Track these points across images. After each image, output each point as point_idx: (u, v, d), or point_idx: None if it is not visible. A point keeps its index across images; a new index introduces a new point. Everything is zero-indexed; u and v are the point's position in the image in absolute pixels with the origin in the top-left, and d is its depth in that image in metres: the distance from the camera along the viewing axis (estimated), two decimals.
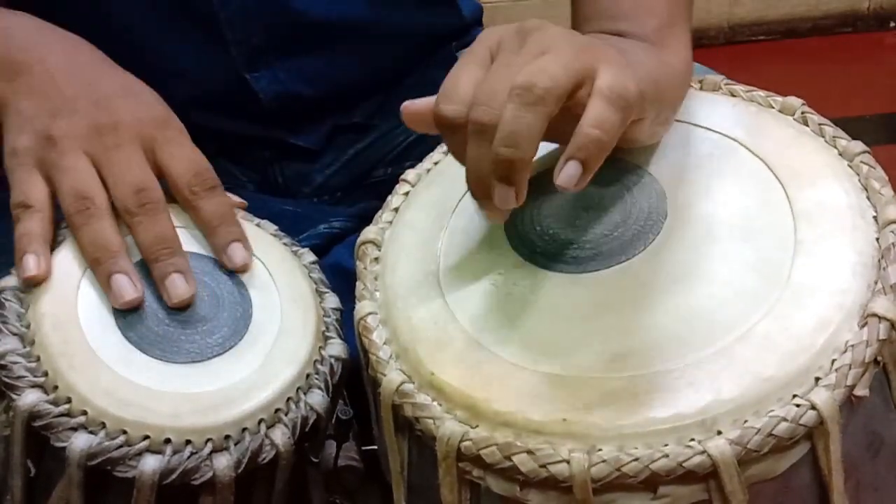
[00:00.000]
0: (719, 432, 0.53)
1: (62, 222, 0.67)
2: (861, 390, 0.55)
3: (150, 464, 0.59)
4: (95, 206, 0.65)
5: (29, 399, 0.59)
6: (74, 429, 0.59)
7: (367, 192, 0.91)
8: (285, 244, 0.73)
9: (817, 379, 0.54)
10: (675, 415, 0.54)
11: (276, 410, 0.63)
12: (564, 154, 0.55)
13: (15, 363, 0.60)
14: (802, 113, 0.66)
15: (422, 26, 0.93)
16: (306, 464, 0.68)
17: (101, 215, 0.65)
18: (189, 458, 0.60)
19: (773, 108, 0.67)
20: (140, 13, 0.84)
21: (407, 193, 0.70)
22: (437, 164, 0.71)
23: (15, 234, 0.65)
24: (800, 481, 0.55)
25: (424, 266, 0.64)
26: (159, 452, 0.59)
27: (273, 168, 0.92)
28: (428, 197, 0.69)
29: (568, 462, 0.54)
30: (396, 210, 0.69)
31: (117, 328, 0.63)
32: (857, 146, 0.63)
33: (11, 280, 0.64)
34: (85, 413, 0.59)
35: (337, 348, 0.68)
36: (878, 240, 0.59)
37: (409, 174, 0.71)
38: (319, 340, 0.68)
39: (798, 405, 0.54)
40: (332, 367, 0.67)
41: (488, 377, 0.58)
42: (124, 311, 0.64)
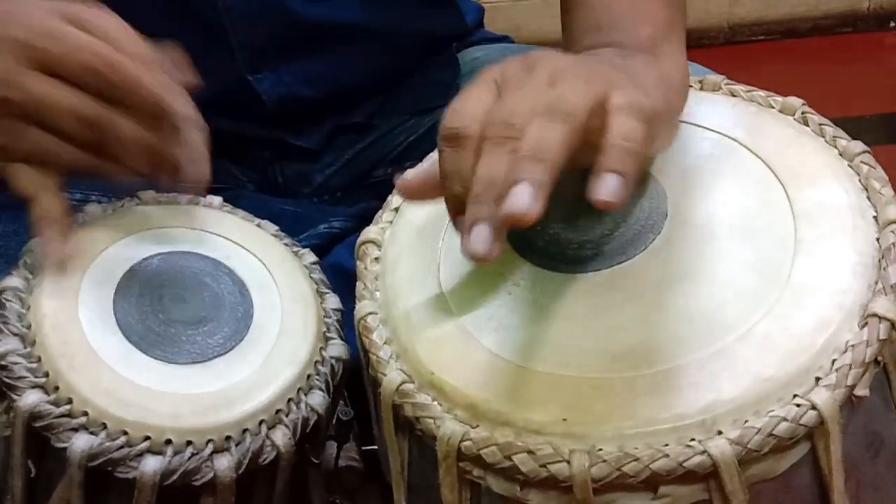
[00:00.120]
0: (720, 432, 0.53)
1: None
2: (861, 390, 0.55)
3: (151, 464, 0.59)
4: (104, 112, 0.62)
5: (30, 400, 0.59)
6: (75, 429, 0.59)
7: (368, 192, 0.91)
8: (286, 245, 0.73)
9: (818, 379, 0.54)
10: (675, 415, 0.54)
11: (277, 411, 0.63)
12: (598, 169, 0.52)
13: (16, 364, 0.60)
14: (803, 113, 0.66)
15: (422, 27, 0.93)
16: (307, 464, 0.68)
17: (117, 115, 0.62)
18: (190, 458, 0.60)
19: (773, 108, 0.67)
20: (142, 15, 0.84)
21: None
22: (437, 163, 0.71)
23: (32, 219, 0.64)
24: (800, 481, 0.55)
25: (425, 266, 0.64)
26: (160, 453, 0.59)
27: (273, 168, 0.92)
28: None
29: (568, 462, 0.54)
30: (397, 210, 0.69)
31: (118, 328, 0.63)
32: (858, 146, 0.63)
33: (12, 280, 0.64)
34: (86, 414, 0.59)
35: (338, 349, 0.68)
36: (878, 240, 0.59)
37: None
38: (320, 341, 0.68)
39: (798, 405, 0.54)
40: (332, 367, 0.67)
41: (488, 377, 0.58)
42: (125, 312, 0.64)
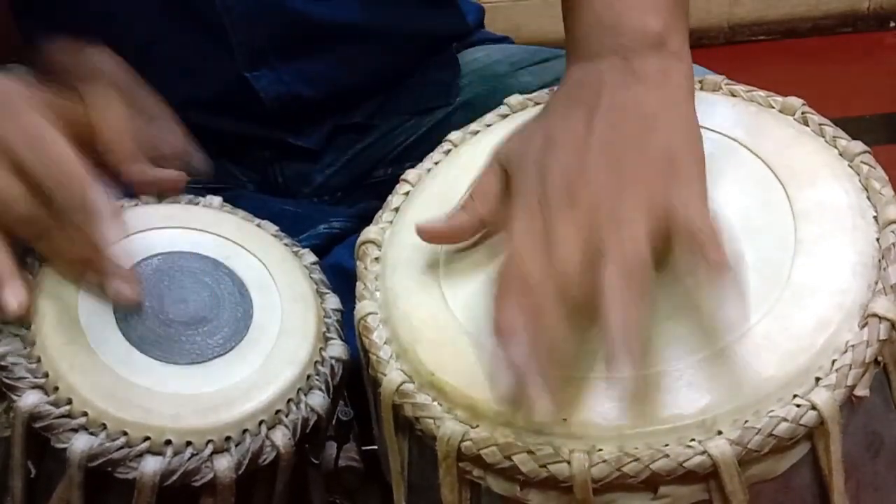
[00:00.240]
0: (720, 432, 0.53)
1: None
2: (861, 390, 0.55)
3: (151, 465, 0.59)
4: (44, 219, 0.60)
5: (29, 400, 0.59)
6: (75, 430, 0.59)
7: (368, 192, 0.91)
8: (286, 245, 0.73)
9: (818, 379, 0.54)
10: (675, 415, 0.54)
11: (277, 411, 0.63)
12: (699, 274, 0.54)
13: (16, 364, 0.60)
14: (803, 113, 0.66)
15: (422, 27, 0.93)
16: (307, 465, 0.68)
17: (49, 227, 0.61)
18: (190, 459, 0.60)
19: (773, 108, 0.67)
20: (142, 14, 0.84)
21: (407, 193, 0.70)
22: (437, 163, 0.71)
23: None
24: (800, 481, 0.55)
25: (425, 266, 0.64)
26: (160, 454, 0.59)
27: (273, 168, 0.92)
28: (429, 197, 0.69)
29: (568, 462, 0.53)
30: (397, 210, 0.69)
31: (118, 329, 0.63)
32: (858, 146, 0.63)
33: None
34: (86, 414, 0.59)
35: (337, 349, 0.68)
36: (878, 240, 0.59)
37: (410, 174, 0.71)
38: (320, 341, 0.68)
39: (798, 405, 0.54)
40: (332, 368, 0.67)
41: (488, 377, 0.58)
42: (125, 312, 0.64)
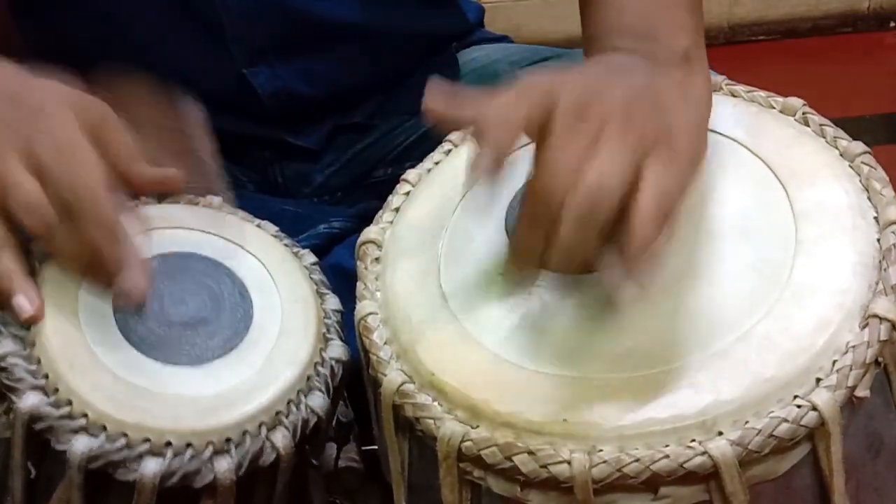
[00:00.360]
0: (720, 433, 0.53)
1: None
2: (862, 391, 0.55)
3: (151, 466, 0.59)
4: (53, 216, 0.60)
5: (30, 401, 0.59)
6: (75, 431, 0.59)
7: (368, 192, 0.91)
8: (286, 245, 0.73)
9: (818, 380, 0.54)
10: (675, 415, 0.54)
11: (277, 413, 0.63)
12: (613, 264, 0.55)
13: (16, 365, 0.60)
14: (803, 113, 0.66)
15: (423, 27, 0.93)
16: (307, 466, 0.68)
17: (57, 224, 0.61)
18: (190, 460, 0.60)
19: (773, 108, 0.67)
20: (141, 13, 0.84)
21: (408, 193, 0.70)
22: (437, 164, 0.71)
23: None
24: (801, 482, 0.55)
25: (425, 266, 0.64)
26: (160, 455, 0.59)
27: (273, 168, 0.92)
28: (429, 197, 0.69)
29: (569, 462, 0.54)
30: (397, 210, 0.69)
31: (118, 330, 0.63)
32: (858, 147, 0.63)
33: None
34: (86, 416, 0.59)
35: (337, 350, 0.68)
36: (878, 240, 0.59)
37: (410, 174, 0.71)
38: (320, 342, 0.67)
39: (799, 406, 0.54)
40: (332, 368, 0.67)
41: (489, 377, 0.58)
42: (125, 314, 0.64)
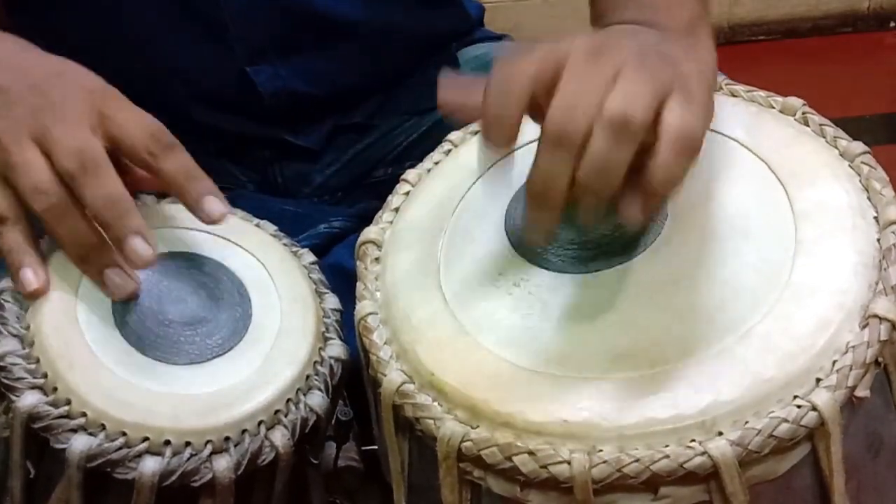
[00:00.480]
0: (720, 433, 0.53)
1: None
2: (862, 391, 0.55)
3: (150, 465, 0.59)
4: (57, 196, 0.62)
5: (28, 400, 0.59)
6: (74, 430, 0.59)
7: (367, 191, 0.91)
8: (285, 244, 0.73)
9: (818, 380, 0.54)
10: (675, 415, 0.54)
11: (276, 412, 0.63)
12: (630, 197, 0.54)
13: (14, 364, 0.60)
14: (803, 113, 0.66)
15: (424, 25, 0.93)
16: (306, 465, 0.68)
17: (67, 207, 0.62)
18: (189, 459, 0.60)
19: (773, 108, 0.67)
20: (141, 11, 0.84)
21: (407, 193, 0.70)
22: (437, 164, 0.71)
23: (2, 250, 0.63)
24: (801, 482, 0.55)
25: (425, 266, 0.64)
26: (159, 454, 0.59)
27: (273, 168, 0.92)
28: (428, 197, 0.69)
29: (569, 463, 0.53)
30: (397, 210, 0.69)
31: (117, 329, 0.63)
32: (858, 147, 0.63)
33: (11, 282, 0.64)
34: (84, 415, 0.59)
35: (336, 349, 0.68)
36: (878, 240, 0.59)
37: (410, 174, 0.71)
38: (319, 341, 0.68)
39: (799, 406, 0.54)
40: (331, 368, 0.67)
41: (488, 377, 0.58)
42: (124, 313, 0.64)
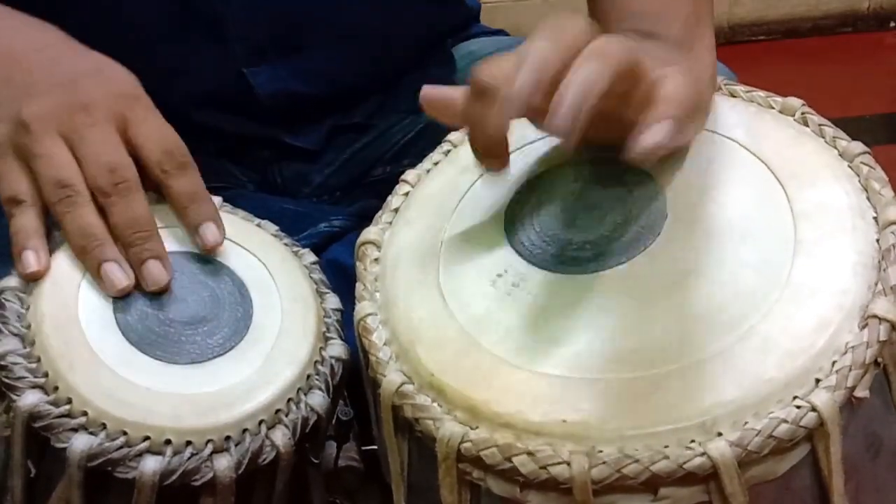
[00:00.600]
0: (719, 434, 0.53)
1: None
2: (861, 392, 0.55)
3: (151, 465, 0.59)
4: (76, 192, 0.63)
5: (29, 400, 0.59)
6: (75, 430, 0.59)
7: (367, 190, 0.91)
8: (286, 244, 0.73)
9: (817, 380, 0.54)
10: (675, 416, 0.54)
11: (277, 411, 0.63)
12: (648, 119, 0.56)
13: (15, 364, 0.60)
14: (803, 114, 0.66)
15: (424, 25, 0.93)
16: (307, 464, 0.68)
17: (83, 202, 0.64)
18: (189, 458, 0.60)
19: (773, 108, 0.67)
20: (141, 11, 0.84)
21: (407, 194, 0.70)
22: (437, 164, 0.71)
23: (10, 230, 0.64)
24: (800, 483, 0.55)
25: (424, 267, 0.64)
26: (160, 453, 0.59)
27: (272, 168, 0.92)
28: (428, 197, 0.69)
29: (568, 463, 0.53)
30: (396, 210, 0.69)
31: (118, 329, 0.63)
32: (858, 147, 0.63)
33: (12, 281, 0.64)
34: (85, 414, 0.59)
35: (337, 349, 0.68)
36: (878, 241, 0.59)
37: (409, 174, 0.71)
38: (320, 341, 0.68)
39: (798, 406, 0.54)
40: (332, 367, 0.67)
41: (488, 378, 0.58)
42: (125, 312, 0.64)
